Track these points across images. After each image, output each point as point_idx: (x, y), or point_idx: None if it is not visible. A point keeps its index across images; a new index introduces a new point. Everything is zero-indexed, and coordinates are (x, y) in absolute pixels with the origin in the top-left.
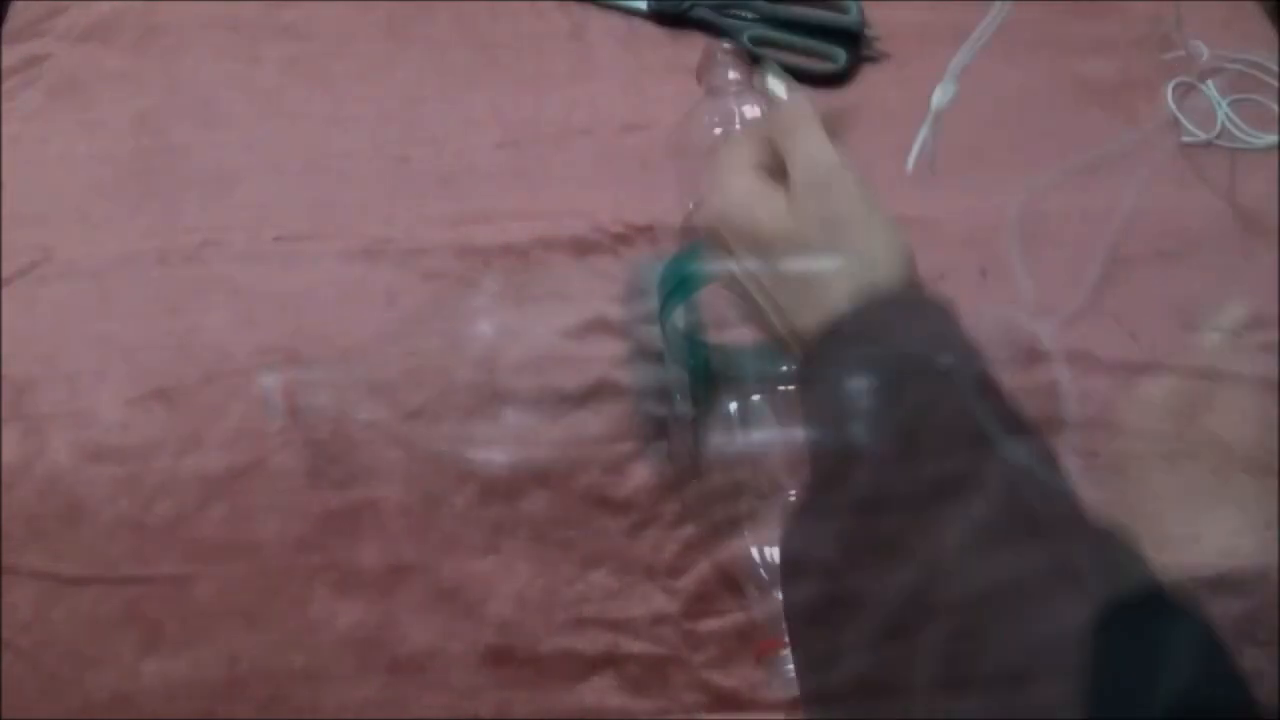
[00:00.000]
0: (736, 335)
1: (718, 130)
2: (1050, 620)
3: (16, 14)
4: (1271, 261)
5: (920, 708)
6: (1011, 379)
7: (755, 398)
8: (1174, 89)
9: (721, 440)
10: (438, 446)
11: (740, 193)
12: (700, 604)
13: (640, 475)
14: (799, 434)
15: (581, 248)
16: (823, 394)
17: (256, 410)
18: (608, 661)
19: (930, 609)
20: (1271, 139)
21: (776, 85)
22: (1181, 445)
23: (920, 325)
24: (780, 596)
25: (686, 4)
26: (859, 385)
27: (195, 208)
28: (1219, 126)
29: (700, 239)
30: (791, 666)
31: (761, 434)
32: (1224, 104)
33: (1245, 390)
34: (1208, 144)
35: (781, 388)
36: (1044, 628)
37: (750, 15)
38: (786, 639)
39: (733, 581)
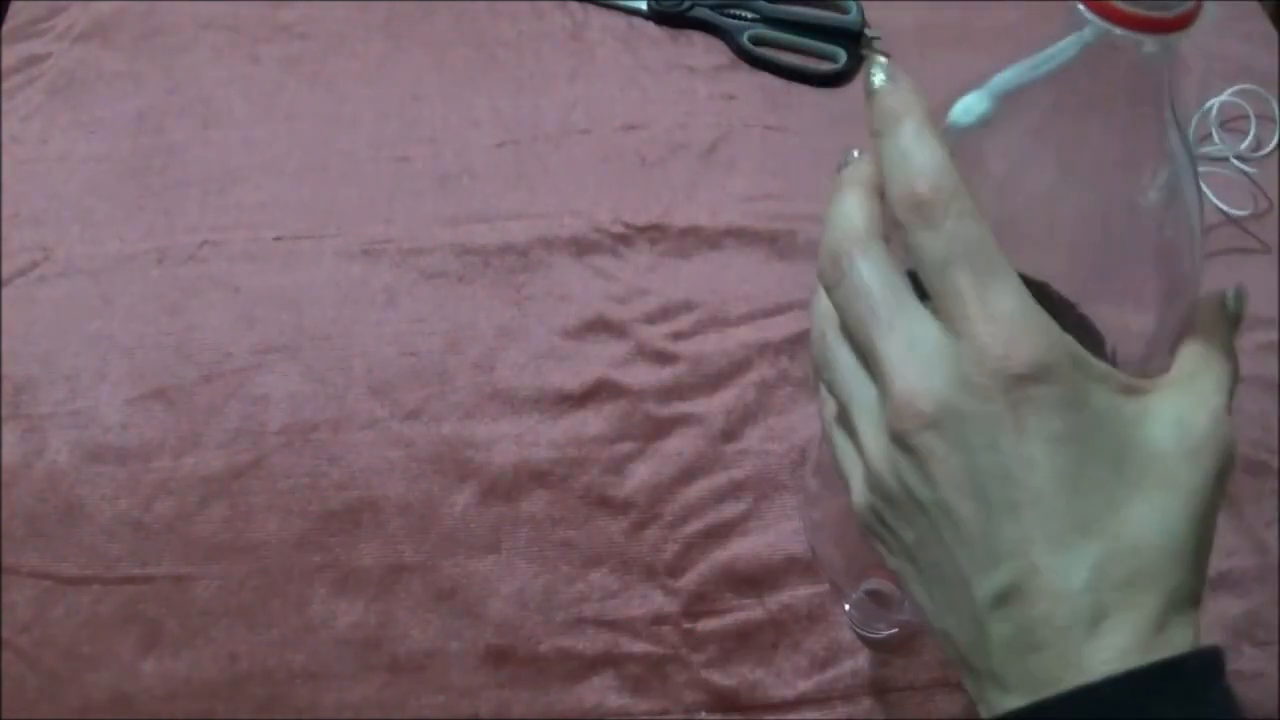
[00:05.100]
0: None
1: None
2: None
3: (16, 13)
4: (1260, 265)
5: None
6: None
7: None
8: None
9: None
10: (438, 446)
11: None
12: (700, 604)
13: (640, 475)
14: None
15: (581, 248)
16: None
17: (256, 410)
18: (608, 661)
19: None
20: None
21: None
22: None
23: None
24: None
25: (686, 4)
26: None
27: (195, 208)
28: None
29: None
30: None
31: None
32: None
33: (1244, 390)
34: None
35: None
36: None
37: (750, 15)
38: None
39: (733, 581)
